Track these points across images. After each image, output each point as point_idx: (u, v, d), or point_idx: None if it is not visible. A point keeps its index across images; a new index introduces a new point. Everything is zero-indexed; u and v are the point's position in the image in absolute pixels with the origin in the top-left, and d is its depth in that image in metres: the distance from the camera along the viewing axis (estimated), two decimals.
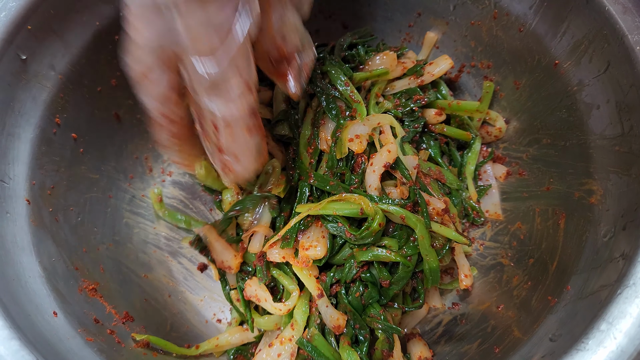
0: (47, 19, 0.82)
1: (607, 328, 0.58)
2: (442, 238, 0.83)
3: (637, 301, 0.59)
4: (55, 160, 0.85)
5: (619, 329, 0.58)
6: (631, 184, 0.70)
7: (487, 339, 0.80)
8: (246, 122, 0.65)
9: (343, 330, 0.79)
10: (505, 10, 0.92)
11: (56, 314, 0.74)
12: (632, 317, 0.58)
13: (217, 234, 0.88)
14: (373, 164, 0.81)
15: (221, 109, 0.64)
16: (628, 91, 0.73)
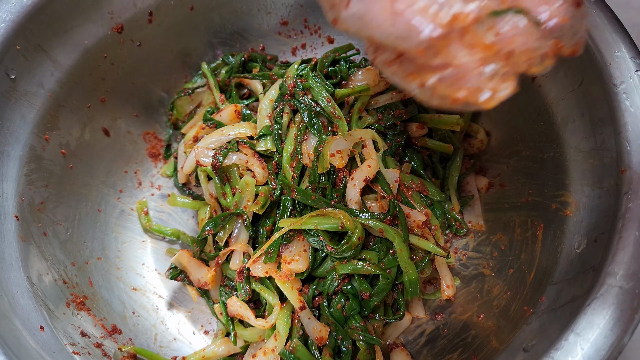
0: (36, 39, 0.84)
1: (574, 339, 0.60)
2: (422, 250, 0.84)
3: (604, 312, 0.60)
4: (44, 177, 0.87)
5: (586, 340, 0.59)
6: (603, 197, 0.72)
7: (467, 349, 0.82)
8: None
9: (326, 342, 0.81)
10: None
11: (43, 328, 0.75)
12: (599, 328, 0.59)
13: (190, 255, 0.91)
14: (354, 179, 0.83)
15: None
16: (600, 105, 0.75)
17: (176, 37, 1.03)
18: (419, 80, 0.48)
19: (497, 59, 0.47)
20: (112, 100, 0.99)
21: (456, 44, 0.46)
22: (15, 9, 0.81)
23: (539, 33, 0.52)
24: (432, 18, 0.45)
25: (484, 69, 0.46)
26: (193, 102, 1.08)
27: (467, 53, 0.46)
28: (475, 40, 0.46)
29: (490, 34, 0.47)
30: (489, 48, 0.46)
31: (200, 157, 0.89)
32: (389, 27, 0.47)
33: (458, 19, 0.45)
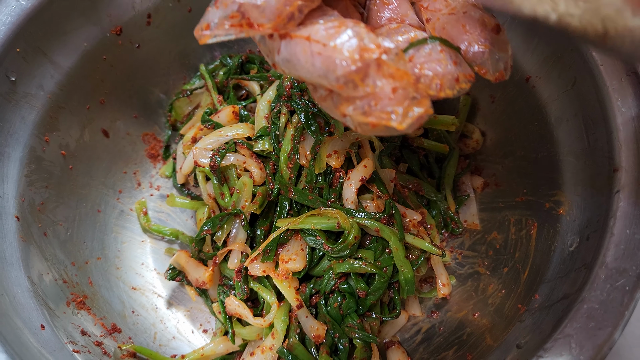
0: (35, 41, 0.85)
1: (566, 336, 0.61)
2: (418, 249, 0.85)
3: (595, 309, 0.61)
4: (44, 178, 0.88)
5: (577, 336, 0.60)
6: (595, 196, 0.73)
7: (463, 346, 0.83)
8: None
9: (323, 340, 0.82)
10: None
11: (43, 327, 0.76)
12: (590, 325, 0.61)
13: (188, 255, 0.92)
14: (350, 179, 0.84)
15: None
16: (593, 106, 0.76)
17: (174, 39, 1.04)
18: (340, 112, 0.52)
19: (407, 85, 0.50)
20: (112, 101, 1.00)
21: (374, 75, 0.50)
22: (15, 11, 0.82)
23: (455, 59, 0.56)
24: (345, 55, 0.49)
25: (393, 95, 0.49)
26: (191, 104, 1.09)
27: (382, 83, 0.49)
28: (391, 70, 0.49)
29: (403, 63, 0.51)
30: (402, 76, 0.50)
31: (199, 158, 0.90)
32: (310, 67, 0.51)
33: (368, 53, 0.49)
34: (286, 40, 0.54)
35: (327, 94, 0.55)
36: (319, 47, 0.51)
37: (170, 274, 0.94)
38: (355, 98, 0.51)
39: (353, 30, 0.51)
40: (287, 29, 0.53)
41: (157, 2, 0.98)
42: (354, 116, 0.51)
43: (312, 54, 0.51)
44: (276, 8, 0.51)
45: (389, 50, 0.50)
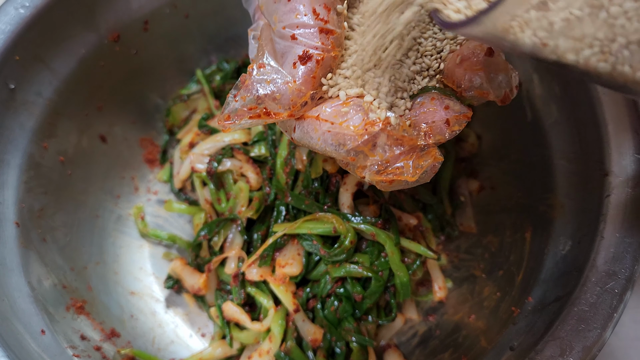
0: (34, 49, 0.86)
1: (557, 337, 0.62)
2: (413, 253, 0.86)
3: (585, 312, 0.62)
4: (43, 184, 0.89)
5: (568, 338, 0.61)
6: (587, 199, 0.74)
7: (458, 348, 0.84)
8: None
9: (320, 344, 0.83)
10: None
11: (44, 332, 0.77)
12: (580, 327, 0.62)
13: (184, 263, 0.94)
14: (346, 183, 0.85)
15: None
16: (585, 110, 0.77)
17: (171, 44, 1.05)
18: (359, 174, 0.57)
19: (413, 146, 0.55)
20: (109, 107, 1.01)
21: (382, 144, 0.54)
22: (14, 20, 0.83)
23: (448, 103, 0.58)
24: (352, 131, 0.54)
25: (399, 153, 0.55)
26: (188, 108, 1.10)
27: (390, 150, 0.54)
28: (396, 137, 0.54)
29: (406, 130, 0.56)
30: (407, 142, 0.55)
31: (196, 164, 0.91)
32: (322, 143, 0.56)
33: (372, 127, 0.54)
34: (299, 121, 0.58)
35: (345, 163, 0.59)
36: (327, 125, 0.55)
37: (168, 283, 0.96)
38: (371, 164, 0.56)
39: (357, 106, 0.55)
40: (301, 113, 0.57)
41: (154, 9, 0.99)
42: (371, 178, 0.55)
43: (323, 132, 0.55)
44: (290, 99, 0.55)
45: (390, 120, 0.54)
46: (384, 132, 0.53)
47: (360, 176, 0.57)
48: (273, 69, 0.55)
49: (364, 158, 0.55)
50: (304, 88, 0.55)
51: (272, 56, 0.56)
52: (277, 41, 0.56)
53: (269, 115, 0.56)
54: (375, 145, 0.54)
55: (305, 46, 0.54)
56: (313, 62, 0.54)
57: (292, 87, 0.54)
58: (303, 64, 0.54)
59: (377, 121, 0.53)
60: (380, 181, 0.55)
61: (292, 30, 0.54)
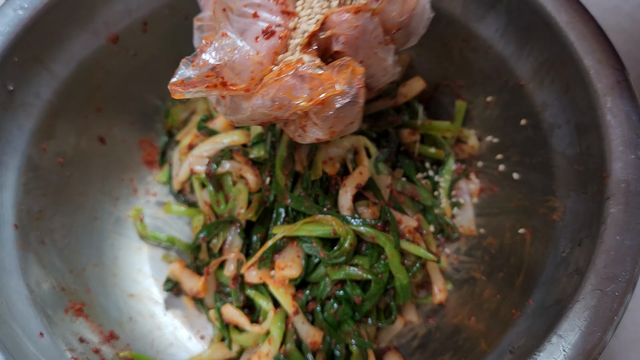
0: (33, 50, 0.86)
1: (557, 341, 0.62)
2: (413, 255, 0.86)
3: (585, 315, 0.62)
4: (42, 185, 0.89)
5: (568, 341, 0.61)
6: (587, 202, 0.74)
7: (458, 351, 0.84)
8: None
9: (319, 346, 0.83)
10: (474, 33, 0.95)
11: (42, 335, 0.77)
12: (580, 330, 0.61)
13: (183, 266, 0.94)
14: (346, 185, 0.85)
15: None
16: (585, 112, 0.77)
17: (170, 45, 1.05)
18: (296, 118, 0.61)
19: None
20: (108, 109, 1.00)
21: (301, 88, 0.56)
22: (13, 22, 0.82)
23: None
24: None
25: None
26: (187, 110, 1.10)
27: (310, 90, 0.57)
28: (315, 79, 0.57)
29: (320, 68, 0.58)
30: (325, 79, 0.57)
31: (195, 166, 0.90)
32: (252, 110, 0.59)
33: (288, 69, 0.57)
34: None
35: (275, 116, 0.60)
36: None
37: (167, 286, 0.96)
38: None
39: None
40: (257, 90, 0.57)
41: (153, 10, 0.99)
42: (305, 106, 0.56)
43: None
44: (251, 71, 0.56)
45: (304, 59, 0.56)
46: (303, 76, 0.55)
47: (299, 119, 0.58)
48: (236, 39, 0.56)
49: (288, 103, 0.56)
50: (265, 61, 0.56)
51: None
52: (235, 19, 0.57)
53: (225, 87, 0.57)
54: (296, 89, 0.55)
55: (268, 23, 0.56)
56: (276, 37, 0.56)
57: (254, 59, 0.56)
58: (266, 38, 0.56)
59: (292, 63, 0.55)
60: (313, 106, 0.55)
61: (254, 9, 0.56)
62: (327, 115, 0.57)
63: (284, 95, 0.55)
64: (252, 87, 0.57)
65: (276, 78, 0.55)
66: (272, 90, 0.55)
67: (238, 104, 0.60)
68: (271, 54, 0.56)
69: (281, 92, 0.55)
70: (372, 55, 0.60)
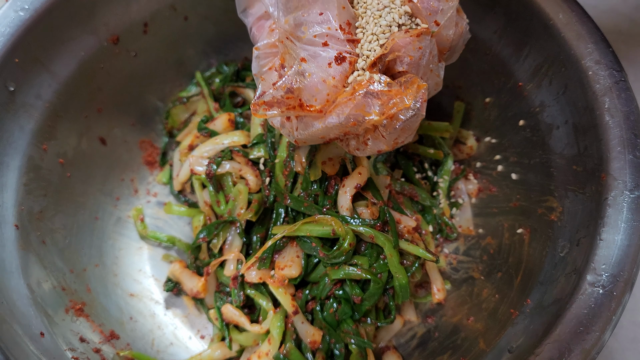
0: (34, 51, 0.86)
1: (555, 340, 0.62)
2: (412, 255, 0.87)
3: (584, 314, 0.63)
4: (42, 186, 0.89)
5: (566, 340, 0.62)
6: (585, 202, 0.74)
7: (457, 350, 0.84)
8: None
9: (319, 346, 0.83)
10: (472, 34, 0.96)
11: (43, 335, 0.77)
12: (579, 329, 0.62)
13: (183, 266, 0.95)
14: (345, 186, 0.86)
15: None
16: (583, 113, 0.77)
17: (171, 47, 1.05)
18: (368, 124, 0.63)
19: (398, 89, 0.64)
20: (109, 109, 1.01)
21: (372, 104, 0.61)
22: (13, 22, 0.83)
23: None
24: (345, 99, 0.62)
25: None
26: (188, 111, 1.10)
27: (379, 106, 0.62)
28: (384, 96, 0.61)
29: (391, 84, 0.63)
30: (395, 94, 0.61)
31: (195, 166, 0.91)
32: (324, 127, 0.64)
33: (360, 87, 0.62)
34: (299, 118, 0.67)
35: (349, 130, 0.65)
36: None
37: (167, 286, 0.96)
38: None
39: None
40: (329, 110, 0.63)
41: (154, 11, 0.99)
42: (377, 120, 0.60)
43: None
44: (327, 94, 0.62)
45: (374, 77, 0.61)
46: (372, 94, 0.60)
47: (369, 125, 0.62)
48: (312, 64, 0.61)
49: (362, 119, 0.61)
50: (339, 84, 0.62)
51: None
52: (305, 47, 0.61)
53: (302, 108, 0.62)
54: (368, 105, 0.60)
55: (338, 50, 0.61)
56: (347, 62, 0.61)
57: (330, 83, 0.61)
58: (338, 64, 0.61)
59: (363, 82, 0.60)
60: (384, 119, 0.60)
61: (324, 39, 0.61)
62: (395, 127, 0.61)
63: (358, 112, 0.60)
64: (325, 108, 0.62)
65: (350, 97, 0.60)
66: (347, 109, 0.60)
67: (309, 124, 0.65)
68: (344, 78, 0.62)
69: (355, 110, 0.60)
70: (429, 73, 0.66)
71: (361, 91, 0.60)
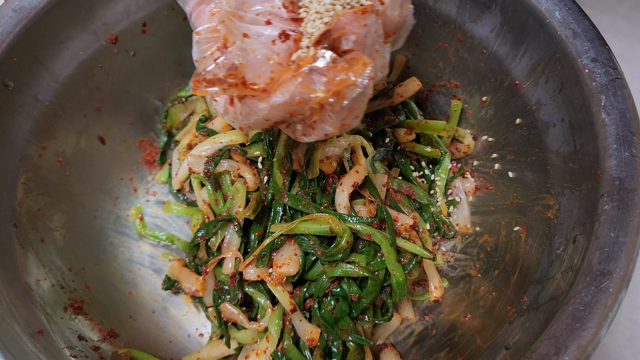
0: (32, 51, 0.86)
1: (552, 336, 0.62)
2: (409, 253, 0.87)
3: (580, 311, 0.63)
4: (41, 185, 0.90)
5: (563, 337, 0.62)
6: (582, 199, 0.75)
7: (454, 348, 0.85)
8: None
9: (316, 343, 0.83)
10: (469, 33, 0.96)
11: (41, 333, 0.77)
12: (575, 326, 0.62)
13: (181, 264, 0.96)
14: (342, 184, 0.86)
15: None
16: (579, 111, 0.78)
17: (169, 46, 1.06)
18: (314, 103, 0.60)
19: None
20: (108, 109, 1.01)
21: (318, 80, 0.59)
22: (12, 22, 0.83)
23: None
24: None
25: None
26: (187, 110, 1.10)
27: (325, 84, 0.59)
28: (329, 75, 0.59)
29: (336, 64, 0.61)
30: (338, 71, 0.60)
31: (193, 165, 0.91)
32: (269, 108, 0.61)
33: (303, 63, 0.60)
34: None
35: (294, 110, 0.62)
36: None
37: (166, 284, 0.97)
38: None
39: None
40: (274, 89, 0.60)
41: (152, 11, 1.00)
42: (324, 97, 0.58)
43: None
44: (271, 72, 0.60)
45: (318, 57, 0.59)
46: (314, 68, 0.58)
47: (315, 104, 0.59)
48: (256, 41, 0.59)
49: (307, 96, 0.59)
50: (284, 62, 0.60)
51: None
52: (247, 27, 0.60)
53: (245, 86, 0.60)
54: (313, 82, 0.58)
55: (281, 28, 0.59)
56: (291, 41, 0.59)
57: (274, 60, 0.59)
58: (282, 41, 0.59)
59: (307, 58, 0.59)
60: (330, 97, 0.58)
61: (266, 17, 0.59)
62: (342, 106, 0.60)
63: (303, 89, 0.58)
64: (269, 87, 0.60)
65: (294, 74, 0.58)
66: (292, 86, 0.58)
67: (253, 106, 0.62)
68: (288, 55, 0.60)
69: (300, 87, 0.58)
70: (375, 53, 0.64)
71: (306, 68, 0.58)
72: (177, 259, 0.98)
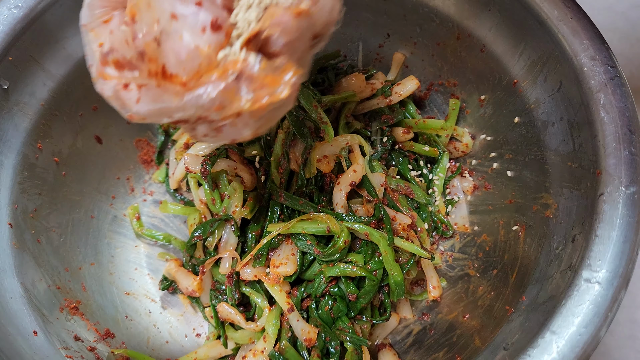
0: (28, 50, 0.86)
1: (551, 337, 0.62)
2: (407, 252, 0.86)
3: (579, 311, 0.62)
4: (37, 184, 0.89)
5: (562, 337, 0.62)
6: (581, 198, 0.74)
7: (452, 348, 0.84)
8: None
9: (314, 343, 0.83)
10: (467, 31, 0.96)
11: (36, 333, 0.77)
12: (574, 326, 0.62)
13: (179, 264, 0.95)
14: (340, 183, 0.86)
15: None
16: (578, 109, 0.77)
17: None
18: (233, 112, 0.54)
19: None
20: (104, 108, 0.98)
21: (245, 87, 0.53)
22: (7, 20, 0.83)
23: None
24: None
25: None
26: None
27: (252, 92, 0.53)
28: (258, 81, 0.54)
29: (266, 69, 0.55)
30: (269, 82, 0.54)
31: (190, 165, 0.91)
32: (182, 105, 0.52)
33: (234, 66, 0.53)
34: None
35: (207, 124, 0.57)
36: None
37: (163, 284, 0.97)
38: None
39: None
40: (197, 85, 0.53)
41: None
42: (247, 108, 0.52)
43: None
44: (198, 64, 0.52)
45: (248, 63, 0.52)
46: (244, 77, 0.52)
47: (233, 113, 0.53)
48: (187, 26, 0.50)
49: (229, 104, 0.52)
50: (213, 56, 0.52)
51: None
52: (172, 3, 0.52)
53: (164, 77, 0.52)
54: (240, 90, 0.52)
55: (213, 15, 0.51)
56: (223, 33, 0.51)
57: (203, 52, 0.51)
58: (214, 31, 0.51)
59: (236, 62, 0.52)
60: (258, 110, 0.52)
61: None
62: (262, 115, 0.54)
63: (226, 96, 0.51)
64: (188, 82, 0.52)
65: (220, 76, 0.51)
66: (215, 91, 0.51)
67: (158, 98, 0.53)
68: (217, 49, 0.52)
69: (224, 93, 0.51)
70: (302, 59, 0.58)
71: (233, 73, 0.51)
72: (174, 259, 0.97)
